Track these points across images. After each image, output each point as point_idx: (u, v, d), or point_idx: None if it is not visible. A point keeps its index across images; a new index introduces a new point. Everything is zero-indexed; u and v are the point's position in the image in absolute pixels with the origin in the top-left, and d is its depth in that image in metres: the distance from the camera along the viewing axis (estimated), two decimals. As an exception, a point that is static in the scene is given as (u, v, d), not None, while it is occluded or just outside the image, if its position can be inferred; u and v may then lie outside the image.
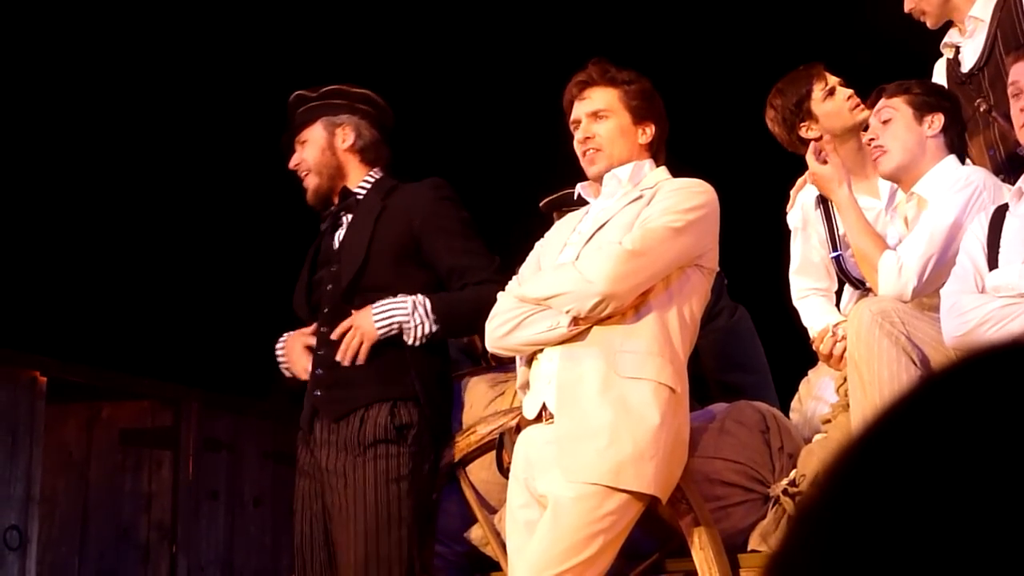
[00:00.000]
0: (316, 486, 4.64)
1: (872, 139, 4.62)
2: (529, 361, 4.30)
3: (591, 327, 4.14)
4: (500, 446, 4.58)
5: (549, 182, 5.34)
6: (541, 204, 5.49)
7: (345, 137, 4.93)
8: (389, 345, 4.62)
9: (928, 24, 5.04)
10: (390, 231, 4.75)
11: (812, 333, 4.82)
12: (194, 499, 8.64)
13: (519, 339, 4.24)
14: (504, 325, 4.25)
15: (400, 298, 4.60)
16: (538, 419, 4.23)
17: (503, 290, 4.40)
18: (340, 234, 4.87)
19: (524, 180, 5.94)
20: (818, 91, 4.93)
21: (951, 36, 5.08)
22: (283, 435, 9.05)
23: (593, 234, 4.27)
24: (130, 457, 8.63)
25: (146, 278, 8.33)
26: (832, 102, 4.90)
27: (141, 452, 8.61)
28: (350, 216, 4.87)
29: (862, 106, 4.87)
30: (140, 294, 8.31)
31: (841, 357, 4.51)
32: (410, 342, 4.59)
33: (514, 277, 4.45)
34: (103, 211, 8.18)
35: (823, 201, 4.93)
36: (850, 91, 4.93)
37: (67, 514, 8.50)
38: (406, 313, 4.59)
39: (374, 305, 4.61)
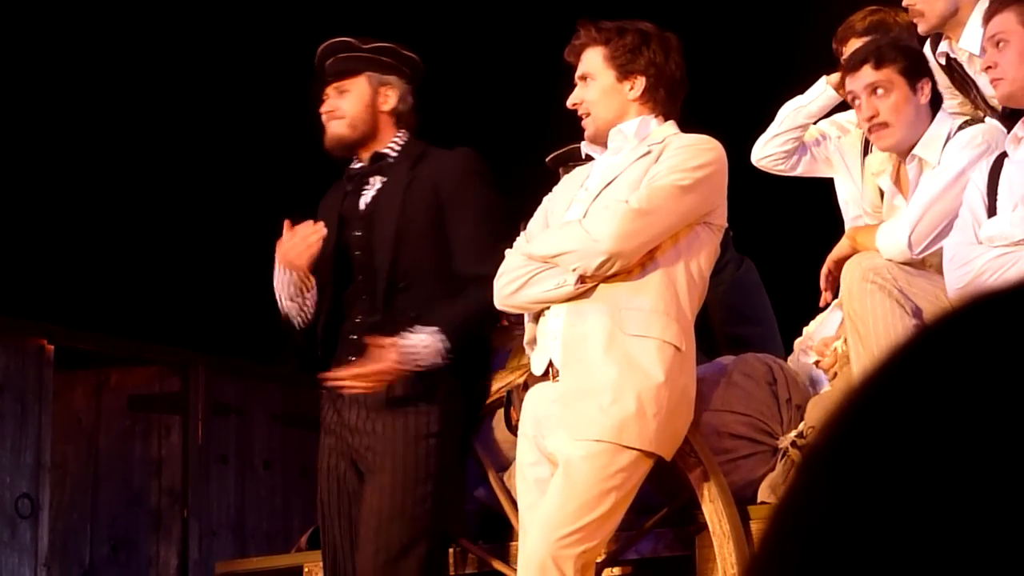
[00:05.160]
0: (342, 444, 4.65)
1: (872, 116, 4.46)
2: (536, 317, 4.30)
3: (598, 284, 4.14)
4: (508, 403, 4.58)
5: (555, 137, 5.32)
6: (547, 159, 5.48)
7: (387, 98, 4.86)
8: (423, 322, 4.59)
9: (920, 28, 4.95)
10: (419, 203, 4.70)
11: None
12: (204, 463, 8.67)
13: (526, 297, 4.24)
14: (512, 283, 4.25)
15: (423, 343, 4.52)
16: (545, 375, 4.24)
17: None
18: (367, 196, 4.82)
19: (530, 135, 5.93)
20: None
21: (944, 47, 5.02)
22: (291, 398, 9.08)
23: (601, 191, 4.26)
24: (139, 423, 8.65)
25: (152, 244, 8.33)
26: None
27: (150, 418, 8.64)
28: (379, 179, 4.83)
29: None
30: (146, 260, 8.31)
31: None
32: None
33: (522, 233, 4.45)
34: (108, 178, 8.17)
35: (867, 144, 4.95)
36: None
37: (78, 481, 8.53)
38: (426, 363, 4.53)
39: (401, 346, 4.51)
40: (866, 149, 4.99)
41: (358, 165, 4.89)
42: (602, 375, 4.06)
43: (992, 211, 4.13)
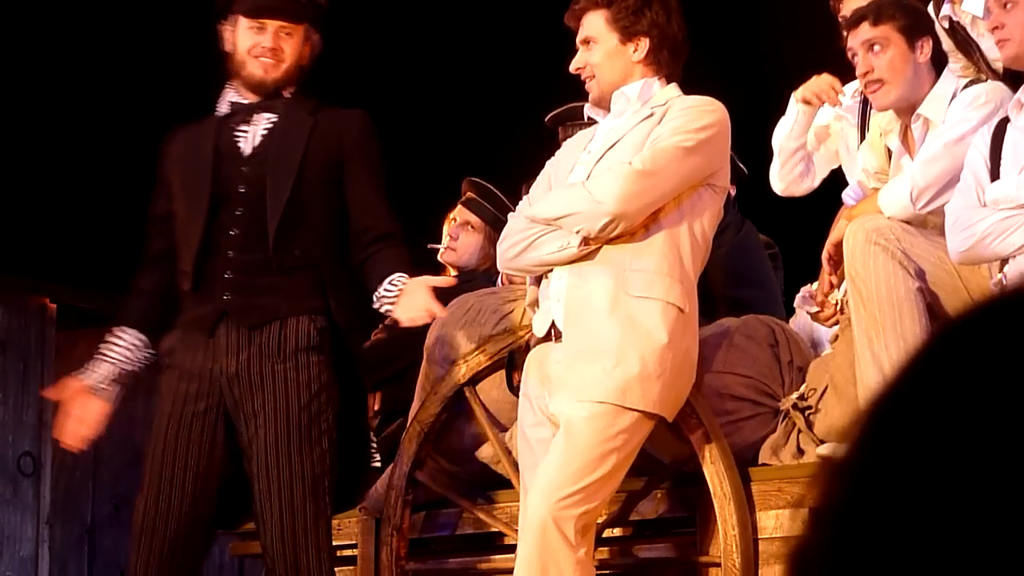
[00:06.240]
0: (213, 393, 4.50)
1: (867, 72, 4.46)
2: (539, 279, 4.31)
3: (601, 246, 4.15)
4: (510, 364, 4.59)
5: (555, 97, 5.31)
6: (547, 119, 5.46)
7: (307, 55, 4.75)
8: (307, 265, 4.57)
9: None
10: (322, 148, 4.63)
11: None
12: (205, 422, 8.67)
13: (530, 260, 4.24)
14: (515, 246, 4.26)
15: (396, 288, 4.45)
16: (547, 337, 4.24)
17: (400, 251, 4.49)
18: (255, 133, 4.68)
19: (530, 95, 5.92)
20: None
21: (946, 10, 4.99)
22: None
23: (604, 153, 4.26)
24: (141, 381, 8.64)
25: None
26: None
27: (152, 376, 8.63)
28: (267, 118, 4.69)
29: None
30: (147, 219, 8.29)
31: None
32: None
33: (525, 197, 4.46)
34: (108, 135, 8.16)
35: (865, 97, 4.91)
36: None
37: (80, 440, 8.54)
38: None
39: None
40: (863, 123, 4.95)
41: (244, 101, 4.72)
42: (605, 337, 4.07)
43: (995, 175, 4.13)
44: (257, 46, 4.66)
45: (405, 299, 4.39)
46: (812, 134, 5.13)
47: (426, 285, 4.41)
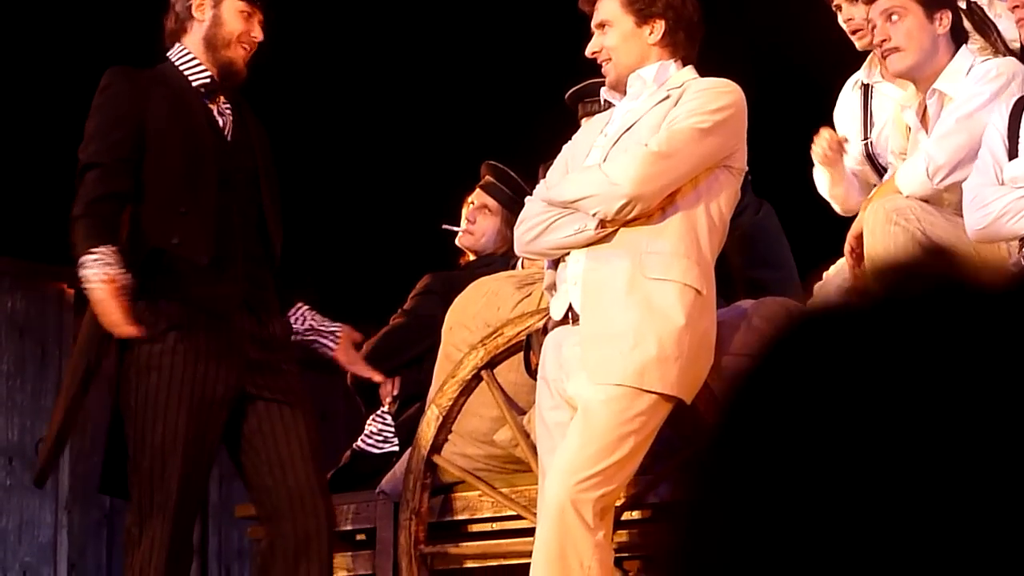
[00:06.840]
0: (228, 373, 4.49)
1: (884, 40, 4.50)
2: (556, 262, 4.32)
3: (618, 228, 4.15)
4: (528, 347, 4.59)
5: (573, 80, 5.30)
6: (566, 96, 5.45)
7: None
8: (269, 269, 4.64)
9: None
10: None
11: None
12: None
13: (547, 243, 4.25)
14: (532, 230, 4.26)
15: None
16: (565, 320, 4.25)
17: None
18: (224, 118, 4.66)
19: (548, 79, 5.92)
20: None
21: None
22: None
23: (620, 136, 4.26)
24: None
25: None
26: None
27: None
28: (227, 106, 4.67)
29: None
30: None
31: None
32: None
33: (541, 181, 4.46)
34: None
35: (865, 87, 4.90)
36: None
37: (98, 425, 8.56)
38: None
39: None
40: (865, 113, 4.94)
41: (215, 79, 4.65)
42: (623, 319, 4.07)
43: (1013, 153, 4.13)
44: (247, 33, 4.62)
45: (346, 350, 4.82)
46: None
47: (354, 340, 4.86)
